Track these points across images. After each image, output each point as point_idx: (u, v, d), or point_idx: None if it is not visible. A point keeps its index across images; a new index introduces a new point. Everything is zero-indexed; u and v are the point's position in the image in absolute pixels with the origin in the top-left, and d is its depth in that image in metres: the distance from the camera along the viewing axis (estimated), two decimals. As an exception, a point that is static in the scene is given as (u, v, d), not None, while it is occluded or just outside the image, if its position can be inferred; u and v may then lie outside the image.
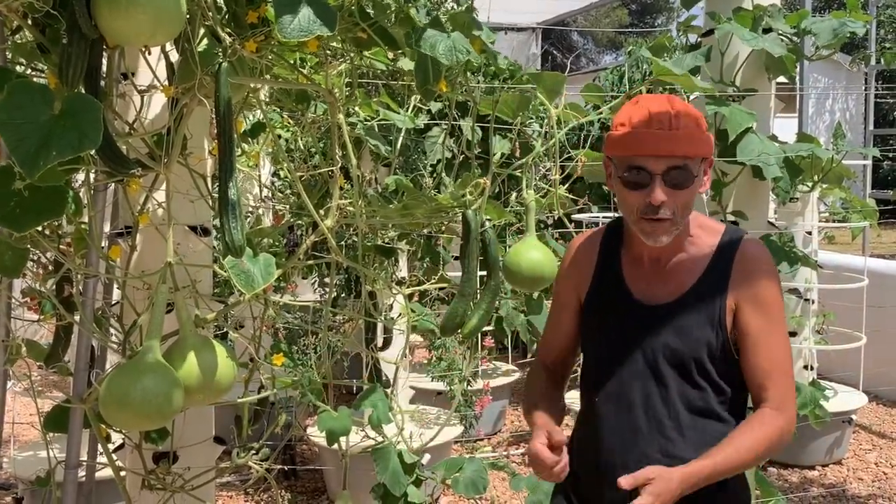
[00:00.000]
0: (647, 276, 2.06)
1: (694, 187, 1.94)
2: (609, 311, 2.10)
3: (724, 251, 2.02)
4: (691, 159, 1.92)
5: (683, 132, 1.90)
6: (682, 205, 1.93)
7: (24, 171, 1.44)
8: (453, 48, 1.94)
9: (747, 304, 1.97)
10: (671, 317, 2.00)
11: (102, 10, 1.51)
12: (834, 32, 2.88)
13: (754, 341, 1.96)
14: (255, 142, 2.61)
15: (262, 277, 1.90)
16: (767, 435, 1.92)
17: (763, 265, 2.00)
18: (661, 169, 1.90)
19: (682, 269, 2.03)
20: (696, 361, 1.98)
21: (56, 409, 2.11)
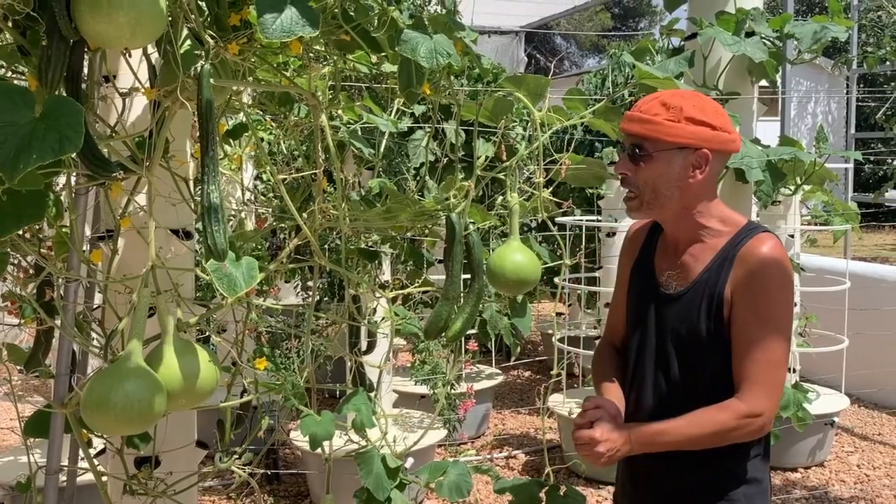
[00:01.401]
0: (669, 264, 2.23)
1: (655, 169, 2.10)
2: (638, 295, 2.29)
3: (732, 244, 2.12)
4: (649, 140, 2.09)
5: (644, 117, 2.09)
6: (646, 183, 2.12)
7: (4, 175, 1.42)
8: (434, 51, 1.93)
9: (742, 299, 2.06)
10: (679, 304, 2.16)
11: (83, 12, 1.50)
12: (815, 36, 2.90)
13: (738, 335, 2.07)
14: (237, 144, 2.60)
15: (245, 281, 1.88)
16: (724, 420, 2.03)
17: (766, 262, 2.06)
18: (627, 144, 2.15)
19: (695, 259, 2.16)
20: (698, 348, 2.11)
21: (37, 414, 2.09)
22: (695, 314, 2.12)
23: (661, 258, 2.27)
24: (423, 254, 2.79)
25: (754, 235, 2.11)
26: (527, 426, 6.83)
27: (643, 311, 2.26)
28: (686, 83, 2.86)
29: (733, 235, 2.13)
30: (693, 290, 2.14)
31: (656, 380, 2.20)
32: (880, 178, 17.34)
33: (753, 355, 2.04)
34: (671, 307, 2.18)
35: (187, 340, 1.89)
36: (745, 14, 2.87)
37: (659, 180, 2.11)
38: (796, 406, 3.52)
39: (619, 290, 2.40)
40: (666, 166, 2.10)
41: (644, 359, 2.24)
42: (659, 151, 2.09)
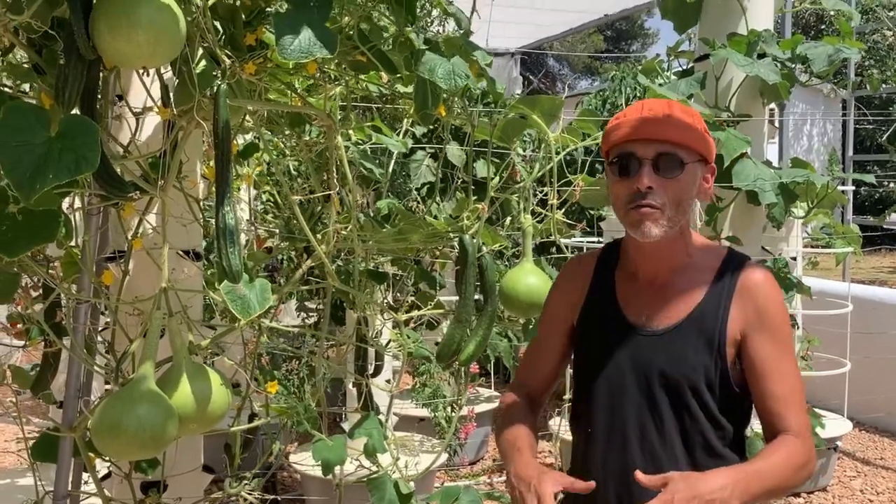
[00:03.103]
0: (643, 298, 1.97)
1: (686, 181, 1.87)
2: (602, 335, 2.00)
3: (725, 275, 1.93)
4: (683, 148, 1.86)
5: (675, 120, 1.86)
6: (673, 198, 1.85)
7: (21, 195, 1.40)
8: (452, 73, 1.91)
9: (756, 333, 1.87)
10: (668, 343, 1.91)
11: (102, 32, 1.48)
12: (829, 59, 2.89)
13: (768, 369, 1.86)
14: (246, 164, 2.58)
15: (259, 303, 1.86)
16: (794, 458, 1.80)
17: (769, 291, 1.91)
18: (650, 154, 1.85)
19: (681, 292, 1.94)
20: (694, 391, 1.88)
21: (43, 437, 2.05)
22: (691, 354, 1.88)
23: (627, 291, 2.01)
24: (434, 276, 2.76)
25: (745, 265, 1.94)
26: (527, 449, 6.77)
27: (612, 355, 1.95)
28: (697, 104, 2.85)
29: (721, 266, 1.94)
30: (685, 326, 1.90)
31: (644, 433, 1.90)
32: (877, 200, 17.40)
33: (788, 388, 1.86)
34: (655, 347, 1.91)
35: (199, 364, 1.86)
36: (757, 36, 2.86)
37: (685, 195, 1.88)
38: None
39: (551, 332, 2.12)
40: (694, 179, 1.90)
41: (623, 411, 1.93)
42: (690, 163, 1.87)
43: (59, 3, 1.54)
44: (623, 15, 12.09)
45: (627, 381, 1.93)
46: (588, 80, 36.31)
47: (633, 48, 36.14)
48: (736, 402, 1.92)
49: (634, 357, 1.93)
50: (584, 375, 2.04)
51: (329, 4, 1.74)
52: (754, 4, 3.00)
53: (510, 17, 9.18)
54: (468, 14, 2.24)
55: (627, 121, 1.88)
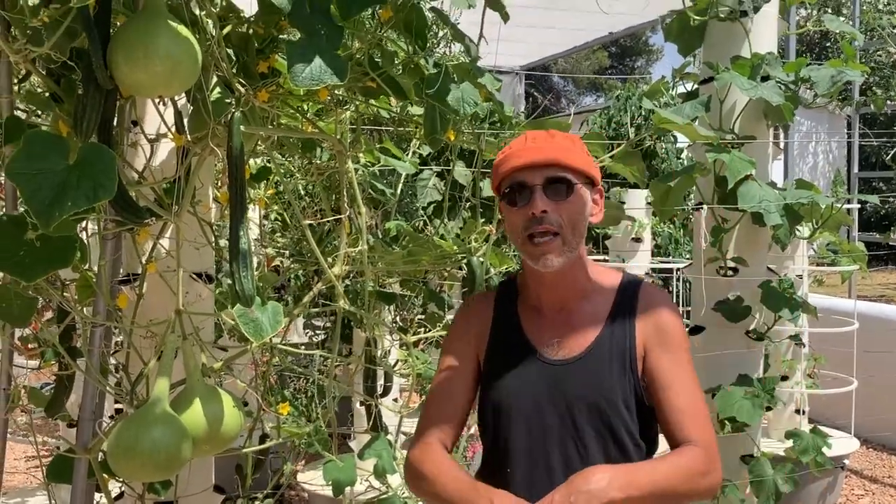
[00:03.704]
0: (550, 329, 1.97)
1: (577, 203, 1.89)
2: (514, 371, 1.96)
3: (624, 294, 1.98)
4: (569, 171, 1.89)
5: (559, 145, 1.90)
6: (568, 220, 1.87)
7: (40, 222, 1.43)
8: (462, 99, 1.95)
9: (657, 348, 1.91)
10: (583, 369, 1.91)
11: (119, 63, 1.51)
12: (832, 80, 2.92)
13: (669, 382, 1.88)
14: (259, 187, 2.61)
15: (271, 326, 1.88)
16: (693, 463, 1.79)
17: (666, 307, 1.96)
18: (539, 180, 1.87)
19: (587, 317, 1.96)
20: (616, 413, 1.88)
21: (58, 458, 2.08)
22: (606, 374, 1.90)
23: (533, 324, 1.99)
24: (443, 297, 2.79)
25: (642, 285, 2.00)
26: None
27: (528, 390, 1.93)
28: (702, 126, 2.88)
29: (620, 287, 1.99)
30: (596, 350, 1.92)
31: (569, 464, 1.86)
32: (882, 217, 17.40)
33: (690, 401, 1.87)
34: (571, 374, 1.91)
35: (212, 386, 1.89)
36: (761, 59, 2.89)
37: (578, 216, 1.90)
38: (815, 451, 3.50)
39: (455, 378, 2.03)
40: (583, 202, 1.92)
41: (546, 445, 1.89)
42: (579, 184, 1.91)
43: (78, 35, 1.58)
44: (628, 32, 12.14)
45: (547, 413, 1.91)
46: (593, 96, 36.41)
47: (637, 64, 36.24)
48: (649, 422, 1.94)
49: (552, 389, 1.91)
50: (496, 415, 1.97)
51: (340, 33, 1.78)
52: (758, 28, 3.04)
53: (515, 36, 9.22)
54: (475, 38, 2.27)
55: (514, 152, 1.92)
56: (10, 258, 1.60)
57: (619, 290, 1.99)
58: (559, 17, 9.39)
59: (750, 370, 3.10)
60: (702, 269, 3.14)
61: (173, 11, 1.63)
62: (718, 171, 2.96)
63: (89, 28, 1.52)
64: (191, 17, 1.70)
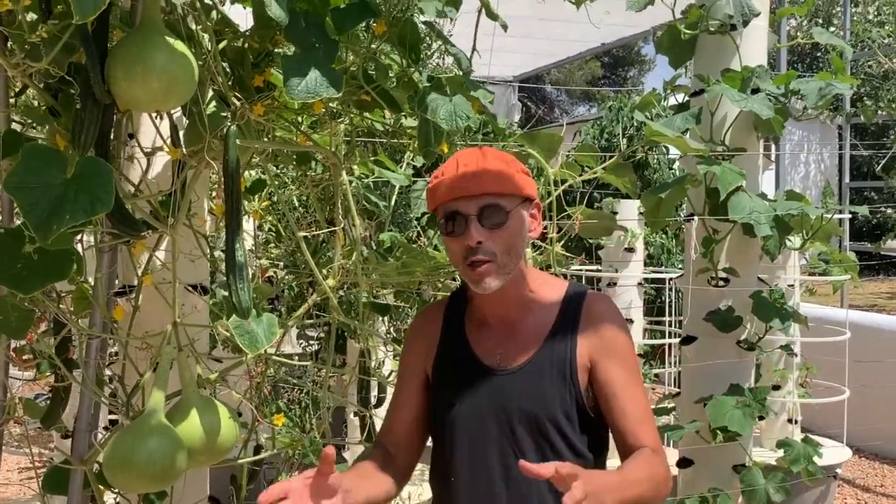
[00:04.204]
0: (494, 340, 1.99)
1: (514, 227, 1.90)
2: (458, 381, 2.00)
3: (569, 306, 1.97)
4: (504, 196, 1.89)
5: (490, 172, 1.89)
6: (504, 247, 1.88)
7: (38, 236, 1.44)
8: (454, 113, 1.96)
9: (605, 359, 1.91)
10: (523, 379, 1.93)
11: (118, 78, 1.53)
12: (821, 93, 2.95)
13: (619, 390, 1.89)
14: (254, 199, 2.63)
15: (266, 337, 1.90)
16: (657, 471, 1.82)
17: (612, 317, 1.96)
18: (473, 210, 1.87)
19: (530, 329, 1.97)
20: (553, 423, 1.89)
21: (54, 469, 2.08)
22: (546, 386, 1.91)
23: (479, 334, 2.02)
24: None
25: (587, 295, 1.98)
26: (527, 477, 6.78)
27: (470, 399, 1.96)
28: (693, 138, 2.91)
29: (564, 298, 1.99)
30: (536, 360, 1.93)
31: (508, 473, 1.89)
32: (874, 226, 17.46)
33: (641, 408, 1.90)
34: (512, 385, 1.93)
35: (207, 397, 1.90)
36: (751, 71, 2.92)
37: (515, 240, 1.91)
38: (807, 460, 3.52)
39: (405, 388, 2.09)
40: (518, 223, 1.92)
41: (485, 454, 1.92)
42: (513, 209, 1.91)
43: (76, 50, 1.60)
44: (620, 43, 12.20)
45: (488, 423, 1.93)
46: (585, 105, 36.47)
47: (630, 74, 36.32)
48: (593, 430, 1.94)
49: (492, 398, 1.94)
50: (441, 425, 2.01)
51: (335, 47, 1.80)
52: (747, 41, 3.07)
53: (509, 46, 9.27)
54: (468, 50, 2.30)
55: (446, 179, 1.91)
56: (8, 271, 1.62)
57: (563, 301, 1.98)
58: (552, 27, 9.43)
59: (741, 380, 3.12)
60: (693, 280, 3.16)
61: (170, 27, 1.65)
62: (709, 183, 2.99)
63: (87, 43, 1.54)
64: (187, 32, 1.72)
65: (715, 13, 2.97)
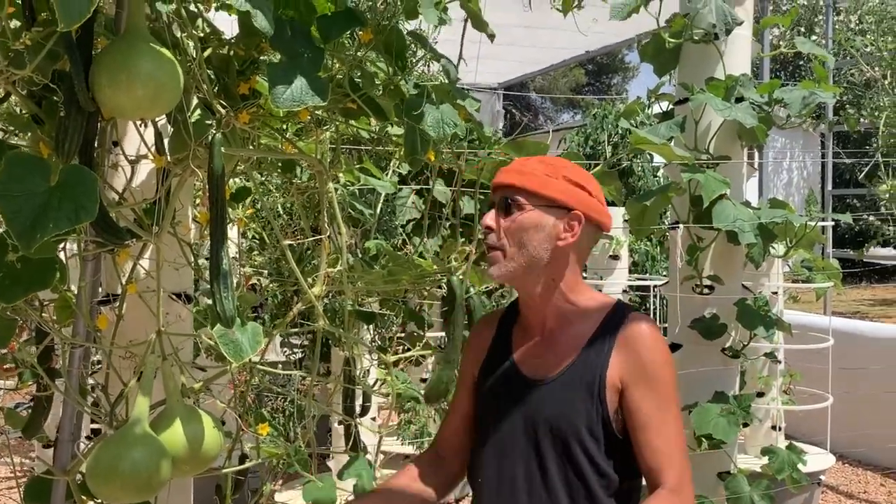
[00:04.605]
0: (532, 349, 2.03)
1: (524, 223, 1.93)
2: (497, 387, 2.05)
3: (608, 325, 1.96)
4: (524, 192, 1.94)
5: (520, 168, 1.98)
6: (514, 238, 1.94)
7: (21, 244, 1.43)
8: (441, 121, 1.96)
9: (636, 385, 1.90)
10: (553, 391, 1.95)
11: (102, 86, 1.52)
12: (804, 102, 2.96)
13: (646, 422, 1.88)
14: (239, 207, 2.62)
15: (251, 346, 1.88)
16: None
17: (650, 342, 1.93)
18: (497, 198, 1.99)
19: (566, 342, 1.98)
20: (577, 439, 1.90)
21: (36, 480, 2.06)
22: (574, 400, 1.92)
23: (522, 345, 2.06)
24: (422, 316, 2.80)
25: (630, 317, 1.96)
26: (512, 484, 6.77)
27: (503, 406, 2.01)
28: (677, 146, 2.91)
29: (607, 315, 1.97)
30: (568, 374, 1.94)
31: (531, 483, 1.93)
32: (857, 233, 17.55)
33: (668, 442, 1.88)
34: (542, 396, 1.95)
35: (192, 406, 1.89)
36: (735, 80, 2.93)
37: (527, 235, 1.94)
38: (791, 467, 3.52)
39: (459, 390, 2.19)
40: (538, 221, 1.94)
41: (512, 461, 1.97)
42: (533, 205, 1.94)
43: (60, 57, 1.59)
44: (605, 51, 12.25)
45: (516, 431, 1.97)
46: (570, 113, 36.54)
47: (613, 81, 36.42)
48: (619, 451, 1.92)
49: (522, 407, 1.97)
50: (479, 428, 2.09)
51: (321, 55, 1.79)
52: (731, 50, 3.08)
53: (494, 54, 9.29)
54: (453, 57, 2.29)
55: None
56: (-10, 280, 1.60)
57: (605, 317, 1.98)
58: (537, 35, 9.47)
59: (726, 387, 3.13)
60: (678, 287, 3.17)
61: (155, 34, 1.64)
62: (693, 191, 3.00)
63: (71, 51, 1.53)
64: (172, 39, 1.71)
65: (699, 22, 2.98)
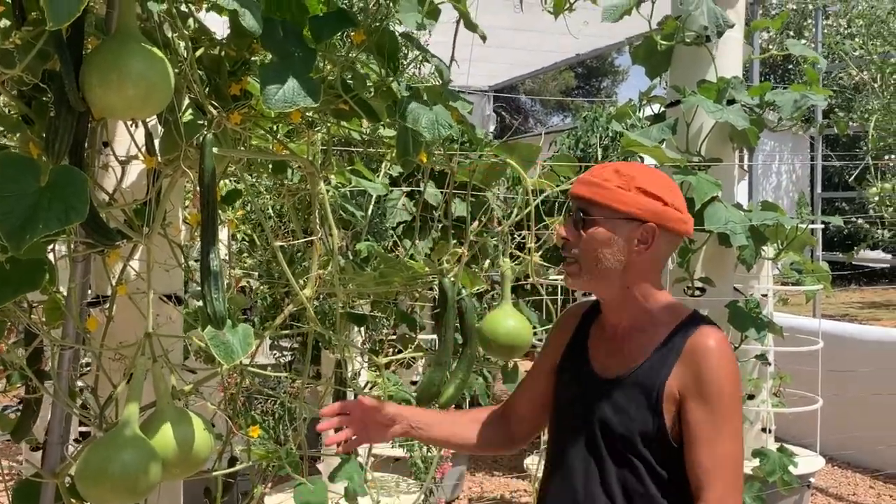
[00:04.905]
0: (605, 348, 2.06)
1: (597, 237, 1.95)
2: (569, 378, 2.11)
3: (676, 335, 1.97)
4: (596, 205, 1.96)
5: (596, 181, 1.98)
6: (586, 253, 1.97)
7: (11, 245, 1.42)
8: (436, 122, 1.95)
9: (692, 399, 1.90)
10: (614, 392, 1.98)
11: (93, 85, 1.51)
12: (796, 105, 2.96)
13: (697, 437, 1.88)
14: (230, 209, 2.60)
15: (242, 348, 1.87)
16: None
17: (715, 357, 1.92)
18: (574, 208, 2.01)
19: (636, 346, 2.00)
20: (630, 442, 1.93)
21: (24, 483, 2.05)
22: (630, 406, 1.95)
23: (597, 342, 2.11)
24: (414, 318, 2.79)
25: (700, 328, 1.96)
26: (502, 489, 6.77)
27: (570, 398, 2.08)
28: (669, 149, 2.91)
29: (677, 325, 1.98)
30: (631, 377, 1.97)
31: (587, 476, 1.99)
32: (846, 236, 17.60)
33: (715, 459, 1.87)
34: (605, 393, 2.00)
35: (182, 409, 1.88)
36: (726, 83, 2.94)
37: (600, 249, 1.97)
38: (782, 469, 3.52)
39: (534, 371, 2.25)
40: (610, 234, 1.96)
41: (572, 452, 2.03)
42: (605, 218, 1.96)
43: (50, 57, 1.58)
44: (595, 54, 12.25)
45: (577, 424, 2.02)
46: (560, 116, 36.52)
47: (603, 84, 36.42)
48: (676, 457, 1.93)
49: (585, 402, 2.02)
50: (551, 417, 2.16)
51: (313, 56, 1.79)
52: (723, 53, 3.08)
53: (484, 56, 9.28)
54: (445, 59, 2.29)
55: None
56: (-21, 281, 1.59)
57: (676, 326, 1.99)
58: (528, 38, 9.46)
59: (717, 390, 3.13)
60: (669, 289, 3.17)
61: (146, 34, 1.63)
62: (685, 193, 2.99)
63: (62, 50, 1.52)
64: (163, 39, 1.70)
65: (690, 24, 2.99)
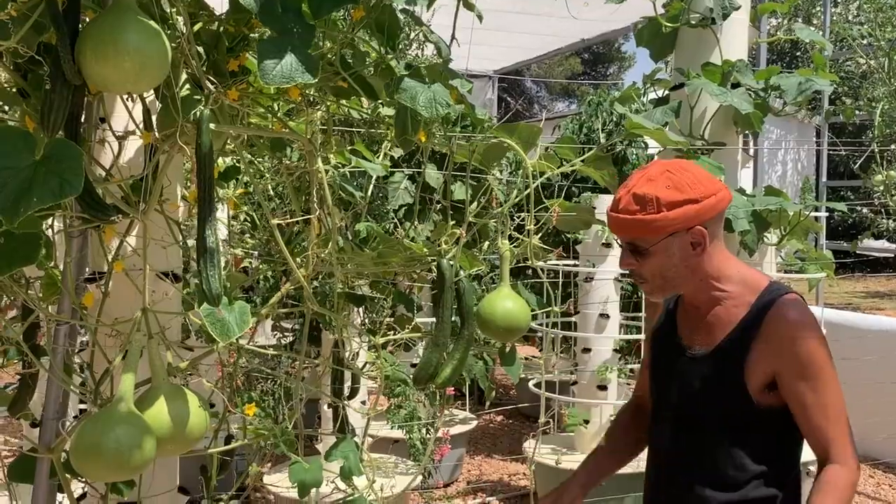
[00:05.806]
0: (691, 324, 2.21)
1: (657, 260, 2.08)
2: (660, 355, 2.30)
3: (757, 311, 2.08)
4: (637, 239, 2.08)
5: (625, 219, 2.07)
6: (652, 273, 2.10)
7: (5, 218, 1.41)
8: (433, 100, 1.94)
9: (788, 371, 2.02)
10: (699, 367, 2.13)
11: (88, 58, 1.50)
12: (800, 89, 2.95)
13: (806, 405, 2.02)
14: (228, 186, 2.59)
15: (238, 326, 1.87)
16: (844, 497, 1.97)
17: (795, 329, 2.04)
18: (624, 241, 2.13)
19: (718, 323, 2.13)
20: (710, 416, 2.10)
21: (22, 458, 2.05)
22: (715, 379, 2.10)
23: (684, 319, 2.25)
24: (412, 299, 2.78)
25: (778, 299, 2.07)
26: (500, 472, 6.78)
27: (662, 371, 2.27)
28: (672, 132, 2.89)
29: (756, 300, 2.09)
30: (716, 354, 2.11)
31: (673, 445, 2.19)
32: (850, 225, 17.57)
33: (828, 419, 2.02)
34: (694, 369, 2.15)
35: (177, 385, 1.87)
36: (731, 66, 2.92)
37: (664, 269, 2.10)
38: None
39: (647, 350, 2.43)
40: (665, 256, 2.08)
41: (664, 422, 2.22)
42: (653, 245, 2.07)
43: (46, 29, 1.56)
44: (600, 39, 12.20)
45: (667, 396, 2.22)
46: (565, 101, 36.45)
47: (609, 71, 36.34)
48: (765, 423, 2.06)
49: (676, 376, 2.19)
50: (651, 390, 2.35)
51: (312, 31, 1.77)
52: (728, 35, 3.06)
53: (489, 40, 9.25)
54: (447, 40, 2.27)
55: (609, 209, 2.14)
56: (-26, 255, 1.58)
57: (755, 302, 2.09)
58: (533, 22, 9.42)
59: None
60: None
61: (143, 7, 1.61)
62: (688, 177, 2.97)
63: (58, 23, 1.51)
64: (161, 13, 1.68)
65: (696, 6, 2.97)
